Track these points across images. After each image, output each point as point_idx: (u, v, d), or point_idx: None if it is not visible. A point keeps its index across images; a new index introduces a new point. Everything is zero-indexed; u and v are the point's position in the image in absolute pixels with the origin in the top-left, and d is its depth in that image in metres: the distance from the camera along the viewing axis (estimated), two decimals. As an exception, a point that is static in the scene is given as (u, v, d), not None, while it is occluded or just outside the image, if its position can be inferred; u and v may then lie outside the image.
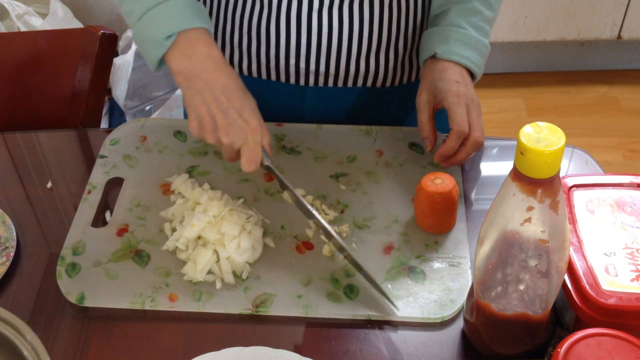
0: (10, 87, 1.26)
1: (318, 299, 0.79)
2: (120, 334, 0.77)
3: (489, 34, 0.95)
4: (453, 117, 0.87)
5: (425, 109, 0.91)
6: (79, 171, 0.98)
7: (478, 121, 0.88)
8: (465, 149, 0.88)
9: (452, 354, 0.75)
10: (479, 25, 0.93)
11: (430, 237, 0.85)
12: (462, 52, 0.91)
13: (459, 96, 0.87)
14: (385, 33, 0.96)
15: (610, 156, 2.15)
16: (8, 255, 0.84)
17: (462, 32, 0.92)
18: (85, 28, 1.22)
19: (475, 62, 0.92)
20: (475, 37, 0.92)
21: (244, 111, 0.81)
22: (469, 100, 0.88)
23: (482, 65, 0.94)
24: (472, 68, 0.92)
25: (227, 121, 0.80)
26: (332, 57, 0.96)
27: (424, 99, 0.91)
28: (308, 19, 0.93)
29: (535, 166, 0.58)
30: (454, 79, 0.89)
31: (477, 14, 0.93)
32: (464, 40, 0.91)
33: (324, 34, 0.94)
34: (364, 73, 0.99)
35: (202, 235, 0.82)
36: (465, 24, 0.93)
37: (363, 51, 0.96)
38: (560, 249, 0.63)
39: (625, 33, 2.26)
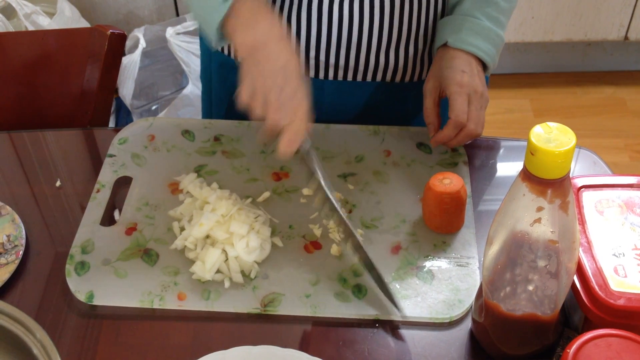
0: (19, 87, 1.26)
1: (326, 299, 0.79)
2: (129, 333, 0.78)
3: (504, 25, 0.95)
4: (452, 106, 0.88)
5: (430, 95, 0.92)
6: (87, 170, 0.98)
7: (477, 113, 0.88)
8: (457, 139, 0.90)
9: (460, 354, 0.75)
10: (493, 16, 0.93)
11: (439, 237, 0.85)
12: (474, 41, 0.91)
13: (462, 86, 0.88)
14: (405, 27, 0.96)
15: (616, 157, 2.15)
16: (17, 253, 0.84)
17: (475, 22, 0.92)
18: (94, 27, 1.22)
19: (487, 51, 0.92)
20: (488, 27, 0.92)
21: (297, 94, 0.79)
22: (471, 90, 0.88)
23: (495, 55, 0.93)
24: (484, 57, 0.92)
25: (280, 99, 0.79)
26: (352, 50, 0.96)
27: (430, 86, 0.92)
28: (329, 11, 0.93)
29: (546, 166, 0.58)
30: (460, 68, 0.89)
31: (492, 4, 0.93)
32: (476, 30, 0.92)
33: (345, 27, 0.94)
34: (383, 67, 0.99)
35: (210, 234, 0.82)
36: (479, 14, 0.93)
37: (383, 44, 0.96)
38: (570, 250, 0.63)
39: (632, 34, 2.26)
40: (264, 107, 0.79)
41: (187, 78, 2.01)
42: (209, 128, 1.00)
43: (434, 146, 0.93)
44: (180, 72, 2.07)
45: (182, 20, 2.08)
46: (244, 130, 0.99)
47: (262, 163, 0.95)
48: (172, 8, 2.24)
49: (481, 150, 1.00)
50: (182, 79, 2.08)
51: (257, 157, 0.95)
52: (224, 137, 0.98)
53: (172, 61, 2.04)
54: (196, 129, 1.00)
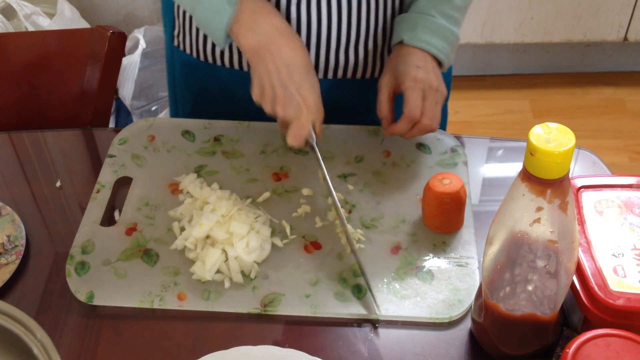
0: (20, 87, 1.26)
1: (326, 299, 0.79)
2: (129, 333, 0.78)
3: (459, 22, 0.95)
4: (406, 101, 0.88)
5: (384, 90, 0.92)
6: (87, 170, 0.98)
7: (432, 108, 0.89)
8: (412, 133, 0.90)
9: (460, 354, 0.75)
10: (448, 14, 0.93)
11: (438, 237, 0.85)
12: (429, 39, 0.91)
13: (416, 81, 0.88)
14: (363, 25, 0.96)
15: (616, 158, 2.15)
16: (18, 253, 0.84)
17: (430, 20, 0.92)
18: (95, 28, 1.22)
19: (441, 49, 0.92)
20: (443, 25, 0.92)
21: (303, 87, 0.83)
22: (426, 86, 0.88)
23: (449, 52, 0.93)
24: (438, 55, 0.92)
25: (285, 95, 0.83)
26: (312, 49, 0.96)
27: (386, 80, 0.91)
28: (287, 12, 0.93)
29: (545, 167, 0.58)
30: (415, 64, 0.89)
31: (447, 2, 0.93)
32: (431, 28, 0.92)
33: (303, 27, 0.94)
34: (343, 65, 0.99)
35: (210, 234, 0.82)
36: (434, 12, 0.93)
37: (342, 43, 0.97)
38: (569, 250, 0.63)
39: (632, 35, 2.26)
40: (273, 102, 0.84)
41: (186, 79, 2.00)
42: (209, 128, 1.00)
43: (388, 136, 0.94)
44: (180, 72, 2.06)
45: (182, 21, 2.08)
46: (244, 131, 0.99)
47: (262, 163, 0.95)
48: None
49: (481, 151, 1.00)
50: (181, 79, 2.08)
51: (257, 158, 0.96)
52: (224, 137, 0.99)
53: (172, 62, 2.04)
54: (196, 129, 1.00)
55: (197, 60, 1.03)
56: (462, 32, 2.16)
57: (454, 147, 0.97)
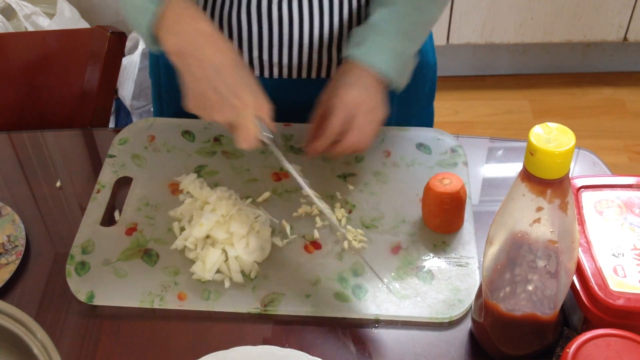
0: (20, 87, 1.27)
1: (326, 299, 0.79)
2: (129, 333, 0.78)
3: (416, 39, 0.90)
4: (329, 120, 0.85)
5: (319, 107, 0.88)
6: (87, 170, 0.98)
7: (362, 126, 0.84)
8: (335, 151, 0.87)
9: (460, 354, 0.75)
10: (404, 29, 0.88)
11: (438, 237, 0.85)
12: (374, 56, 0.86)
13: (343, 100, 0.84)
14: (345, 24, 0.96)
15: (616, 158, 2.15)
16: (18, 253, 0.84)
17: (381, 36, 0.87)
18: (95, 28, 1.22)
19: (389, 67, 0.86)
20: (395, 41, 0.87)
21: (235, 87, 0.78)
22: (353, 104, 0.84)
23: (400, 70, 0.87)
24: (385, 73, 0.86)
25: (218, 99, 0.78)
26: (294, 48, 0.96)
27: (323, 97, 0.88)
28: (268, 11, 0.93)
29: (545, 167, 0.58)
30: (348, 82, 0.85)
31: (402, 17, 0.88)
32: (380, 44, 0.86)
33: (285, 26, 0.94)
34: (326, 64, 0.99)
35: (210, 234, 0.82)
36: (386, 27, 0.87)
37: (325, 42, 0.96)
38: (569, 250, 0.63)
39: (632, 35, 2.26)
40: (209, 110, 0.80)
41: (186, 79, 2.00)
42: (209, 128, 1.00)
43: (307, 156, 0.89)
44: (180, 73, 2.07)
45: (181, 21, 2.08)
46: (244, 131, 0.99)
47: (262, 163, 0.95)
48: (172, 9, 2.23)
49: (480, 151, 1.00)
50: (181, 79, 2.08)
51: (257, 158, 0.96)
52: (224, 137, 0.99)
53: (172, 62, 2.04)
54: (196, 129, 1.00)
55: None
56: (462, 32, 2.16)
57: (454, 147, 0.97)
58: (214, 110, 0.79)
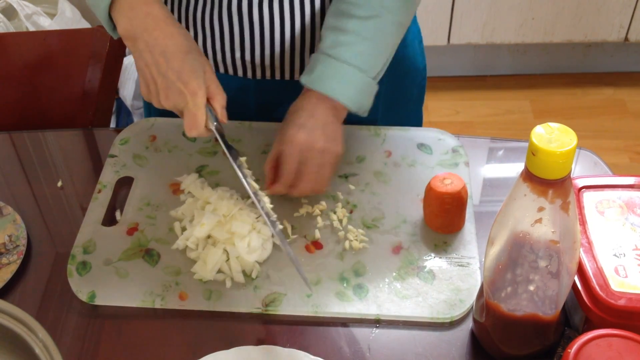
0: (21, 87, 1.27)
1: (327, 298, 0.79)
2: (130, 333, 0.78)
3: (370, 66, 0.85)
4: (282, 164, 0.83)
5: (273, 149, 0.86)
6: (89, 170, 0.98)
7: (314, 172, 0.83)
8: (295, 191, 0.85)
9: (461, 354, 0.75)
10: (353, 58, 0.84)
11: (439, 237, 0.85)
12: (328, 83, 0.84)
13: (293, 144, 0.82)
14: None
15: (616, 158, 2.15)
16: (19, 253, 0.84)
17: (332, 61, 0.84)
18: (96, 28, 1.23)
19: (342, 93, 0.84)
20: (344, 68, 0.84)
21: (183, 73, 0.76)
22: (306, 148, 0.82)
23: (354, 97, 0.85)
24: (340, 100, 0.84)
25: (165, 84, 0.77)
26: (276, 49, 0.95)
27: (276, 139, 0.86)
28: (249, 12, 0.92)
29: (547, 167, 0.58)
30: (297, 123, 0.83)
31: (351, 46, 0.84)
32: (331, 70, 0.84)
33: (266, 27, 0.93)
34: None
35: (211, 234, 0.82)
36: (338, 53, 0.84)
37: (307, 44, 0.96)
38: (571, 250, 0.63)
39: (632, 35, 2.26)
40: (157, 96, 0.79)
41: (187, 79, 2.00)
42: (210, 128, 1.00)
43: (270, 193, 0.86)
44: (180, 72, 2.07)
45: (182, 21, 2.08)
46: (245, 131, 0.99)
47: (263, 163, 0.95)
48: (173, 9, 2.23)
49: (481, 151, 1.00)
50: (182, 79, 2.08)
51: (258, 158, 0.96)
52: (225, 137, 0.98)
53: (173, 62, 2.04)
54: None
55: None
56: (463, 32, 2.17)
57: (455, 147, 0.97)
58: (161, 96, 0.78)
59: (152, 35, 0.77)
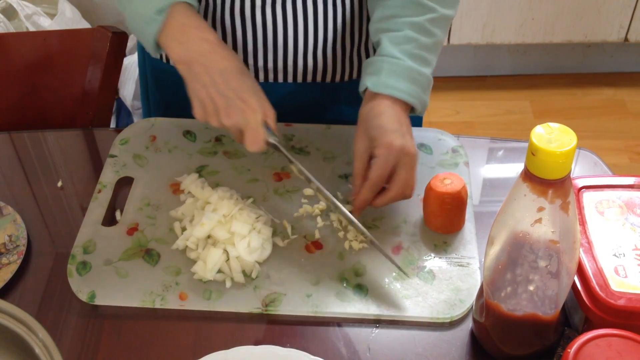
0: (21, 87, 1.27)
1: (327, 298, 0.79)
2: (130, 332, 0.78)
3: (429, 62, 0.88)
4: (373, 169, 0.82)
5: (360, 158, 0.84)
6: (89, 170, 0.98)
7: (405, 176, 0.82)
8: (381, 200, 0.84)
9: (461, 354, 0.75)
10: (415, 54, 0.86)
11: (439, 237, 0.85)
12: (395, 83, 0.84)
13: (390, 149, 0.81)
14: (330, 29, 0.96)
15: (616, 159, 2.15)
16: (19, 253, 0.84)
17: (395, 63, 0.85)
18: (96, 28, 1.23)
19: (410, 93, 0.85)
20: (409, 66, 0.85)
21: (242, 92, 0.80)
22: (402, 153, 0.81)
23: (421, 95, 0.86)
24: (408, 100, 0.85)
25: (226, 103, 0.80)
26: (279, 53, 0.96)
27: (359, 148, 0.84)
28: (252, 16, 0.93)
29: (547, 167, 0.58)
30: (390, 128, 0.82)
31: (411, 41, 0.86)
32: (396, 71, 0.84)
33: (269, 31, 0.94)
34: (312, 69, 0.99)
35: (212, 234, 0.82)
36: (398, 53, 0.85)
37: (309, 47, 0.96)
38: (571, 250, 0.64)
39: (632, 35, 2.26)
40: (217, 115, 0.81)
41: (187, 79, 2.00)
42: (210, 128, 1.00)
43: (357, 213, 0.85)
44: (180, 73, 2.07)
45: (182, 21, 2.08)
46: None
47: (263, 163, 0.95)
48: (173, 9, 2.23)
49: (481, 151, 1.00)
50: (182, 80, 2.08)
51: (258, 158, 0.96)
52: (225, 137, 0.99)
53: (173, 62, 2.04)
54: (197, 129, 1.00)
55: (168, 66, 1.03)
56: (463, 32, 2.17)
57: (455, 147, 0.97)
58: (221, 114, 0.81)
59: (209, 58, 0.81)
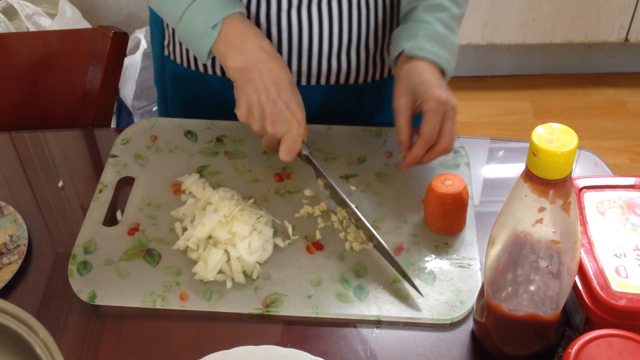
0: (22, 87, 1.27)
1: (328, 299, 0.79)
2: (131, 333, 0.78)
3: (456, 32, 0.93)
4: (425, 124, 0.85)
5: (404, 113, 0.88)
6: (90, 170, 0.98)
7: (451, 129, 0.86)
8: (429, 155, 0.87)
9: (462, 354, 0.75)
10: (446, 22, 0.91)
11: (440, 238, 0.85)
12: (430, 48, 0.89)
13: (439, 103, 0.84)
14: (355, 31, 0.96)
15: (617, 159, 2.15)
16: (20, 253, 0.84)
17: (429, 28, 0.90)
18: (97, 28, 1.23)
19: (444, 58, 0.89)
20: (442, 33, 0.90)
21: (291, 104, 0.85)
22: (448, 107, 0.85)
23: (452, 62, 0.91)
24: (442, 64, 0.89)
25: (274, 111, 0.84)
26: (304, 56, 0.97)
27: (403, 103, 0.87)
28: (278, 19, 0.94)
29: (548, 167, 0.58)
30: (435, 84, 0.86)
31: (444, 10, 0.92)
32: (431, 36, 0.89)
33: (294, 34, 0.95)
34: (336, 71, 0.99)
35: (212, 234, 0.82)
36: (432, 20, 0.91)
37: (334, 49, 0.97)
38: (572, 250, 0.64)
39: (633, 36, 2.26)
40: (262, 120, 0.85)
41: (188, 79, 2.00)
42: (212, 129, 1.00)
43: (404, 170, 0.89)
44: (181, 73, 2.07)
45: (183, 22, 2.08)
46: (247, 131, 0.99)
47: (264, 164, 0.95)
48: (173, 9, 2.23)
49: (482, 152, 1.00)
50: (183, 80, 2.08)
51: (260, 158, 0.96)
52: (226, 138, 0.99)
53: (173, 62, 2.04)
54: (198, 129, 1.00)
55: (188, 70, 1.04)
56: (463, 32, 2.17)
57: (457, 148, 0.97)
58: (267, 121, 0.84)
59: (267, 67, 0.85)
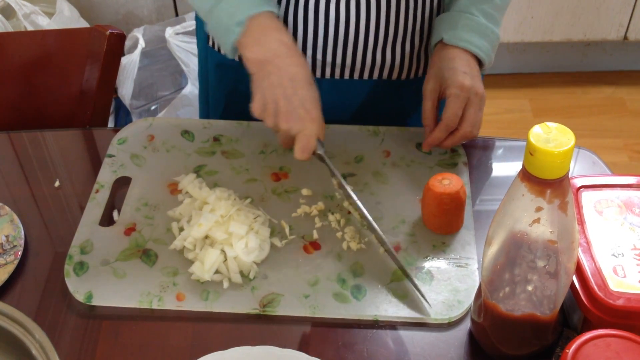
0: (19, 86, 1.26)
1: (325, 299, 0.79)
2: (128, 333, 0.78)
3: (499, 22, 0.95)
4: (447, 108, 0.88)
5: (430, 97, 0.91)
6: (86, 170, 0.98)
7: (475, 115, 0.88)
8: (451, 139, 0.90)
9: (459, 354, 0.75)
10: (489, 13, 0.93)
11: (438, 237, 0.85)
12: (470, 38, 0.91)
13: (462, 89, 0.87)
14: (401, 25, 0.96)
15: (616, 157, 2.15)
16: (16, 253, 0.84)
17: (471, 19, 0.92)
18: (94, 27, 1.22)
19: (482, 49, 0.92)
20: (484, 24, 0.92)
21: (306, 101, 0.83)
22: (472, 93, 0.88)
23: (491, 53, 0.93)
24: (480, 55, 0.91)
25: (289, 108, 0.83)
26: (349, 48, 0.97)
27: (430, 87, 0.91)
28: (326, 10, 0.93)
29: (545, 167, 0.58)
30: (461, 70, 0.89)
31: (488, 1, 0.93)
32: (472, 27, 0.91)
33: (341, 25, 0.94)
34: (380, 65, 0.99)
35: (209, 234, 0.82)
36: (474, 11, 0.92)
37: (379, 43, 0.97)
38: (569, 250, 0.63)
39: (632, 34, 2.26)
40: (275, 116, 0.84)
41: (186, 78, 2.01)
42: (208, 128, 1.00)
43: (426, 150, 0.94)
44: (179, 72, 2.07)
45: (181, 20, 2.08)
46: (244, 131, 0.99)
47: (261, 163, 0.95)
48: (172, 8, 2.24)
49: (480, 151, 1.00)
50: (181, 79, 2.08)
51: (257, 158, 0.95)
52: (223, 137, 0.98)
53: (171, 61, 2.04)
54: (195, 129, 1.00)
55: (231, 61, 1.03)
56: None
57: (454, 147, 0.96)
58: (280, 117, 0.83)
59: (285, 62, 0.84)
